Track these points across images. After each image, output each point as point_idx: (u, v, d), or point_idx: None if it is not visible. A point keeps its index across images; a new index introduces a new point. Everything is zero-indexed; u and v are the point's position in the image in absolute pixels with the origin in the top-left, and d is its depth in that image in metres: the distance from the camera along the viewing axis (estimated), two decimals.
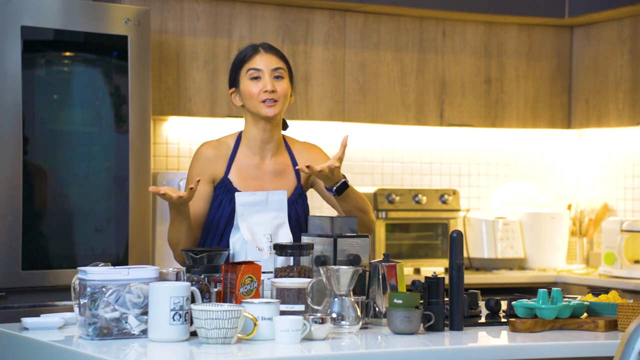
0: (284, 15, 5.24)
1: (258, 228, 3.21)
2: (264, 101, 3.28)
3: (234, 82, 3.35)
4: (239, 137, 3.38)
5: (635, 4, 5.29)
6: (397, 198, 5.46)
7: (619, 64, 5.60)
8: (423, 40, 5.57)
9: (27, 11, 4.14)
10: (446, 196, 5.58)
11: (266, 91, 3.27)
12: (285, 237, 3.22)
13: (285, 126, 3.46)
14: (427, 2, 5.38)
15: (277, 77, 3.31)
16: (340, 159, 3.17)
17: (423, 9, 5.40)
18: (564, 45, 5.89)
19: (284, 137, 3.44)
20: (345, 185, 3.24)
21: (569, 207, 5.93)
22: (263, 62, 3.31)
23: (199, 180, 3.11)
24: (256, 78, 3.30)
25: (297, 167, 3.28)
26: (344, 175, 3.25)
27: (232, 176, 3.32)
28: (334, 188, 3.22)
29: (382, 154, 5.80)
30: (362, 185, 5.66)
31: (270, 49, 3.35)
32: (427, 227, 5.59)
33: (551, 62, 5.87)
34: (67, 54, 4.36)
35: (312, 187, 3.46)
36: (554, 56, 5.88)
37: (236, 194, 3.24)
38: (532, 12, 5.62)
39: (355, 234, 3.07)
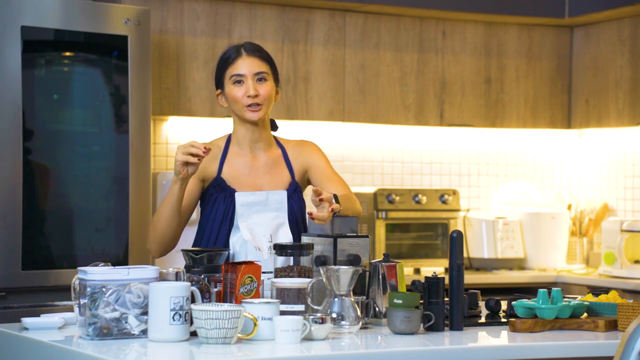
0: (284, 15, 5.24)
1: (258, 228, 3.21)
2: (248, 106, 3.29)
3: (219, 83, 3.38)
4: (229, 138, 3.41)
5: (635, 4, 5.29)
6: (397, 198, 5.46)
7: (619, 64, 5.60)
8: (423, 40, 5.57)
9: (27, 11, 4.14)
10: (446, 196, 5.58)
11: (249, 96, 3.29)
12: (285, 237, 3.22)
13: (274, 127, 3.47)
14: (427, 2, 5.38)
15: (260, 80, 3.32)
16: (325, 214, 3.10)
17: (423, 9, 5.40)
18: (564, 45, 5.89)
19: (276, 137, 3.45)
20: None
21: (569, 207, 5.93)
22: (245, 66, 3.31)
23: (209, 149, 3.09)
24: (239, 82, 3.31)
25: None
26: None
27: (225, 175, 3.34)
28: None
29: (382, 154, 5.80)
30: (362, 185, 5.66)
31: (253, 52, 3.34)
32: (427, 227, 5.59)
33: (551, 62, 5.87)
34: (67, 54, 4.36)
35: (309, 184, 3.46)
36: (554, 56, 5.88)
37: (236, 194, 3.25)
38: (532, 12, 5.62)
39: (355, 234, 3.07)
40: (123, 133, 4.38)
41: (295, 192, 3.37)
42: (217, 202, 3.31)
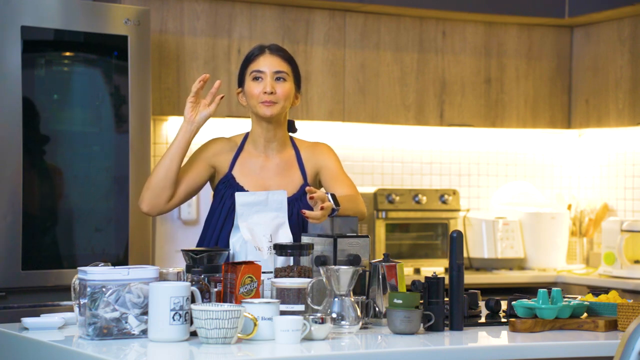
0: (284, 15, 5.24)
1: (258, 228, 3.21)
2: (262, 102, 3.31)
3: (240, 82, 3.40)
4: (246, 136, 3.44)
5: (635, 4, 5.29)
6: (397, 198, 5.46)
7: (619, 64, 5.60)
8: (423, 40, 5.57)
9: (27, 11, 4.14)
10: (446, 196, 5.58)
11: (265, 92, 3.30)
12: (285, 237, 3.22)
13: (293, 129, 3.49)
14: (427, 2, 5.38)
15: (278, 79, 3.34)
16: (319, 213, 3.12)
17: (423, 9, 5.40)
18: (564, 45, 5.89)
19: (292, 138, 3.47)
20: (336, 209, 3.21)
21: (569, 207, 5.93)
22: (266, 63, 3.35)
23: (207, 76, 3.27)
24: (258, 79, 3.34)
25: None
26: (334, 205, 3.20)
27: (235, 172, 3.38)
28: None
29: (382, 154, 5.80)
30: (362, 185, 5.66)
31: (277, 51, 3.39)
32: (427, 227, 5.59)
33: (551, 62, 5.87)
34: (67, 54, 4.36)
35: (321, 186, 3.47)
36: (554, 56, 5.88)
37: (236, 194, 3.25)
38: (532, 12, 5.62)
39: (355, 234, 3.07)
40: (123, 133, 4.38)
41: (305, 195, 3.36)
42: (224, 198, 3.35)
